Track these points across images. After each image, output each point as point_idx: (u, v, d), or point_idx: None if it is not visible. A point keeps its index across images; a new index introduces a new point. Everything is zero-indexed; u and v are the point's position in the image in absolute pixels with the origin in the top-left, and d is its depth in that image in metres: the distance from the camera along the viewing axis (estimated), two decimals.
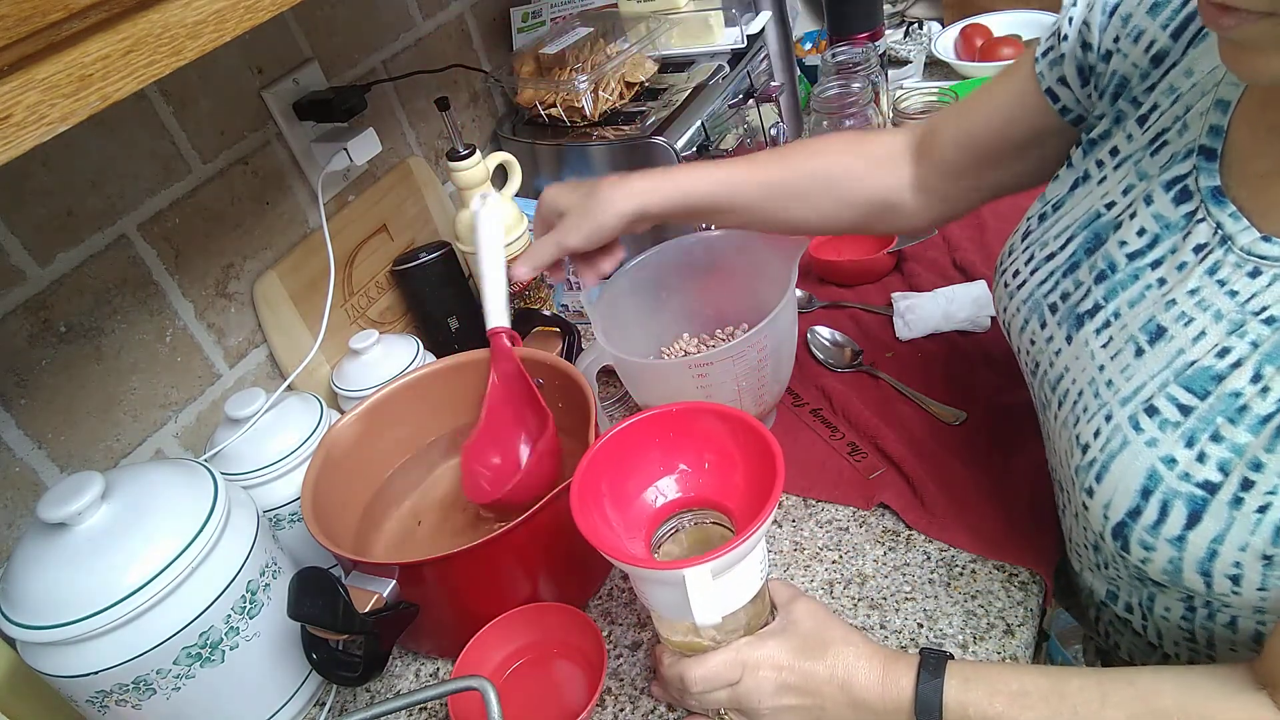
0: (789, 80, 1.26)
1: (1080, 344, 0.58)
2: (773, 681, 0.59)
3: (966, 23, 1.41)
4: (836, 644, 0.60)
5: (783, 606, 0.63)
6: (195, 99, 0.85)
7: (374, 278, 1.03)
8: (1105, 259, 0.58)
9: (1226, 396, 0.49)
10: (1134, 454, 0.52)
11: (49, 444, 0.76)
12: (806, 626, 0.61)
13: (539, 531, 0.70)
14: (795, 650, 0.59)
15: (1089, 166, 0.62)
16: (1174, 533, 0.50)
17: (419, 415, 0.88)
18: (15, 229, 0.72)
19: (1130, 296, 0.56)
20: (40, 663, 0.63)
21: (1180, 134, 0.55)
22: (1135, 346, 0.54)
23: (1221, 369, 0.49)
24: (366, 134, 0.94)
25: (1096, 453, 0.54)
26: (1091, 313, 0.58)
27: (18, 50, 0.37)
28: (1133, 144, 0.59)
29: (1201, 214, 0.52)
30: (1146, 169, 0.57)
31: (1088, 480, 0.55)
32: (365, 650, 0.67)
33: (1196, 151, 0.54)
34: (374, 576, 0.69)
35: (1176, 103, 0.56)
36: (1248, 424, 0.47)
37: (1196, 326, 0.51)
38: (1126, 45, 0.59)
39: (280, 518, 0.82)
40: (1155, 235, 0.55)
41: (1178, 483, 0.50)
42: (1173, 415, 0.51)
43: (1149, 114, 0.58)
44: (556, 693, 0.71)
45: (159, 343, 0.84)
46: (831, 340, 0.98)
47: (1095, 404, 0.56)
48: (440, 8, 1.13)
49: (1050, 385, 0.62)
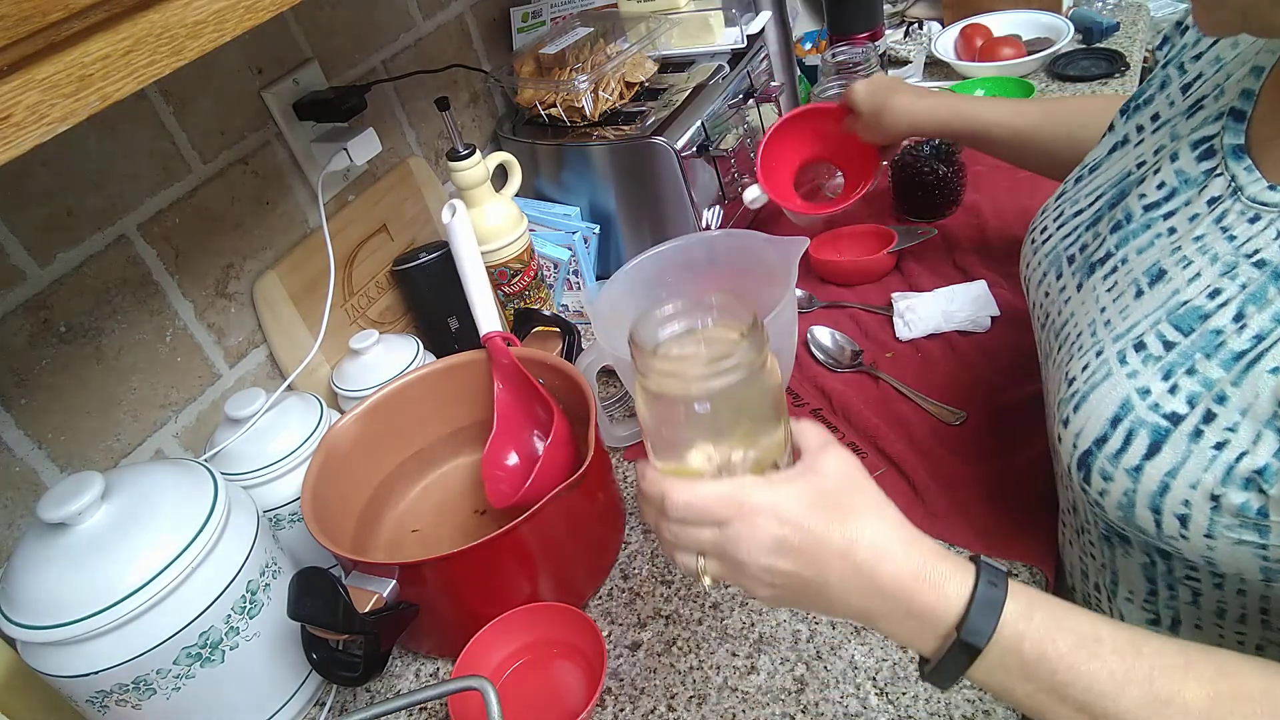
0: (789, 80, 1.26)
1: (1088, 290, 0.60)
2: (771, 536, 0.47)
3: (966, 23, 1.41)
4: (865, 513, 0.47)
5: (809, 452, 0.50)
6: (195, 99, 0.85)
7: (374, 278, 1.03)
8: (1124, 210, 0.60)
9: (1208, 334, 0.50)
10: (1113, 385, 0.53)
11: (49, 444, 0.76)
12: (832, 482, 0.48)
13: (539, 531, 0.70)
14: (810, 505, 0.47)
15: (1129, 131, 0.64)
16: (1133, 463, 0.51)
17: (419, 415, 0.88)
18: (15, 229, 0.72)
19: (1140, 244, 0.57)
20: (40, 663, 0.63)
21: (1217, 99, 0.58)
22: (1136, 288, 0.55)
23: (1209, 308, 0.50)
24: (366, 134, 0.94)
25: (1080, 384, 0.55)
26: (1103, 260, 0.60)
27: (18, 50, 0.37)
28: (1174, 109, 0.61)
29: (1220, 169, 0.54)
30: (1180, 130, 0.59)
31: (1066, 411, 0.55)
32: (365, 650, 0.67)
33: (1227, 114, 0.55)
34: (374, 576, 0.69)
35: (1219, 71, 0.59)
36: (1221, 359, 0.48)
37: (1194, 269, 0.52)
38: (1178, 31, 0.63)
39: (280, 518, 0.82)
40: (1173, 189, 0.57)
41: (1146, 412, 0.50)
42: (1157, 350, 0.52)
43: (1193, 81, 0.60)
44: (556, 693, 0.70)
45: (159, 343, 0.84)
46: (831, 340, 0.98)
47: (1091, 342, 0.57)
48: (440, 8, 1.13)
49: (1055, 332, 0.63)
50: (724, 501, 0.47)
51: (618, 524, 0.83)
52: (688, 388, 0.47)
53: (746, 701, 0.67)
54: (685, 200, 1.05)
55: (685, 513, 0.48)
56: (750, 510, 0.47)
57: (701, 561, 0.50)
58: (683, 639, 0.73)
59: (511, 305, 0.99)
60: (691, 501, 0.48)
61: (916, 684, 0.65)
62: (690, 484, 0.48)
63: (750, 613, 0.73)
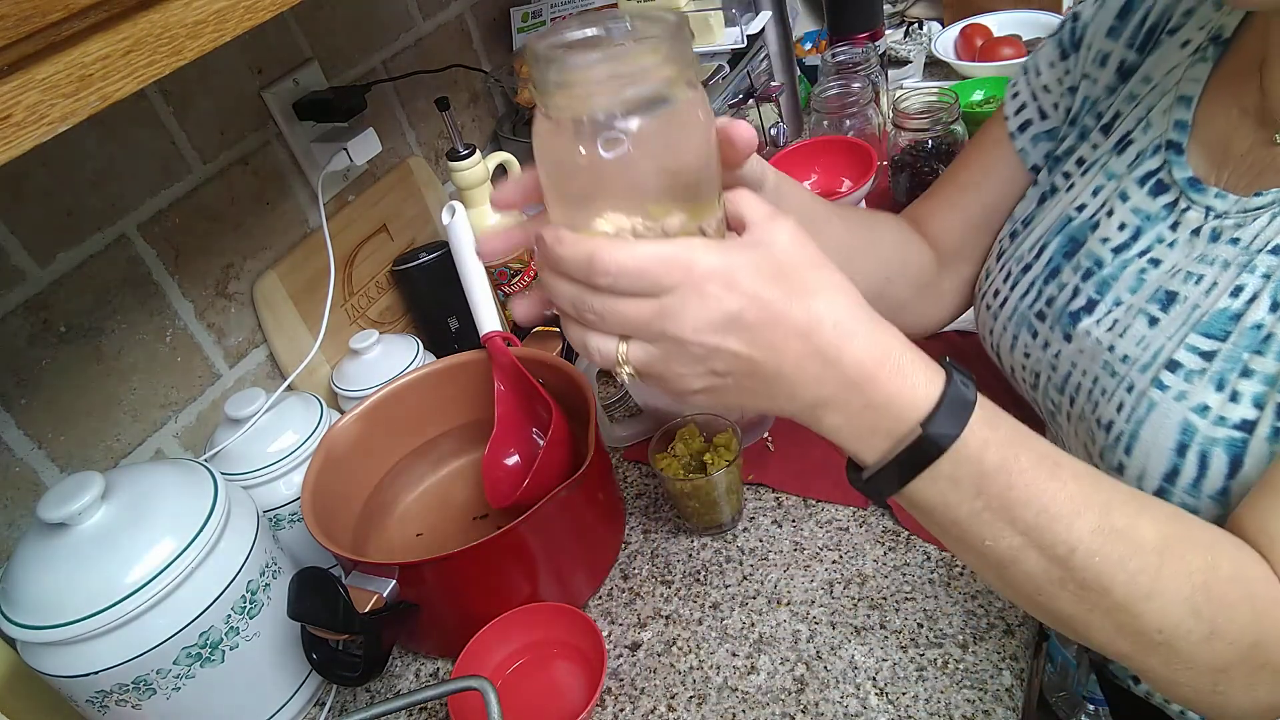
0: (789, 80, 1.26)
1: (1081, 336, 0.58)
2: (722, 308, 0.38)
3: (966, 23, 1.41)
4: (828, 289, 0.40)
5: (755, 224, 0.41)
6: (195, 99, 0.85)
7: (374, 278, 1.03)
8: (1089, 257, 0.59)
9: (1249, 331, 0.48)
10: (1163, 414, 0.50)
11: (49, 444, 0.76)
12: (789, 255, 0.40)
13: (539, 531, 0.70)
14: (769, 277, 0.39)
15: (1055, 180, 0.65)
16: (1217, 486, 0.48)
17: (419, 415, 0.88)
18: (15, 229, 0.72)
19: (1129, 283, 0.56)
20: (40, 663, 0.63)
21: (1145, 131, 0.58)
22: (1147, 317, 0.54)
23: (1238, 307, 0.49)
24: (366, 134, 0.94)
25: (1122, 425, 0.52)
26: (1088, 309, 0.58)
27: (18, 50, 0.37)
28: (1098, 150, 0.62)
29: (1185, 203, 0.54)
30: (1114, 169, 0.60)
31: (1116, 457, 0.52)
32: (365, 650, 0.67)
33: (1165, 146, 0.56)
34: (374, 576, 0.69)
35: (1138, 105, 0.60)
36: (1276, 352, 0.47)
37: (1207, 281, 0.52)
38: (1094, 71, 0.63)
39: (280, 518, 0.82)
40: (1138, 227, 0.57)
41: (1213, 429, 0.48)
42: (1196, 364, 0.50)
43: (1112, 121, 0.61)
44: (556, 693, 0.70)
45: (159, 343, 0.84)
46: None
47: (1113, 382, 0.54)
48: (440, 8, 1.13)
49: (1057, 388, 0.61)
50: (668, 264, 0.38)
51: (618, 524, 0.83)
52: (591, 101, 0.37)
53: (746, 701, 0.67)
54: None
55: (619, 279, 0.38)
56: (701, 276, 0.38)
57: (624, 347, 0.40)
58: (683, 639, 0.73)
59: None
60: (626, 264, 0.38)
61: (916, 684, 0.65)
62: (624, 243, 0.38)
63: (750, 613, 0.73)
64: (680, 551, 0.80)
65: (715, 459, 0.77)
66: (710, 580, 0.77)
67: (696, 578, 0.77)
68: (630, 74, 0.37)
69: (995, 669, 0.64)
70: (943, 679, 0.65)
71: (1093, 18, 0.64)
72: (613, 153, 0.38)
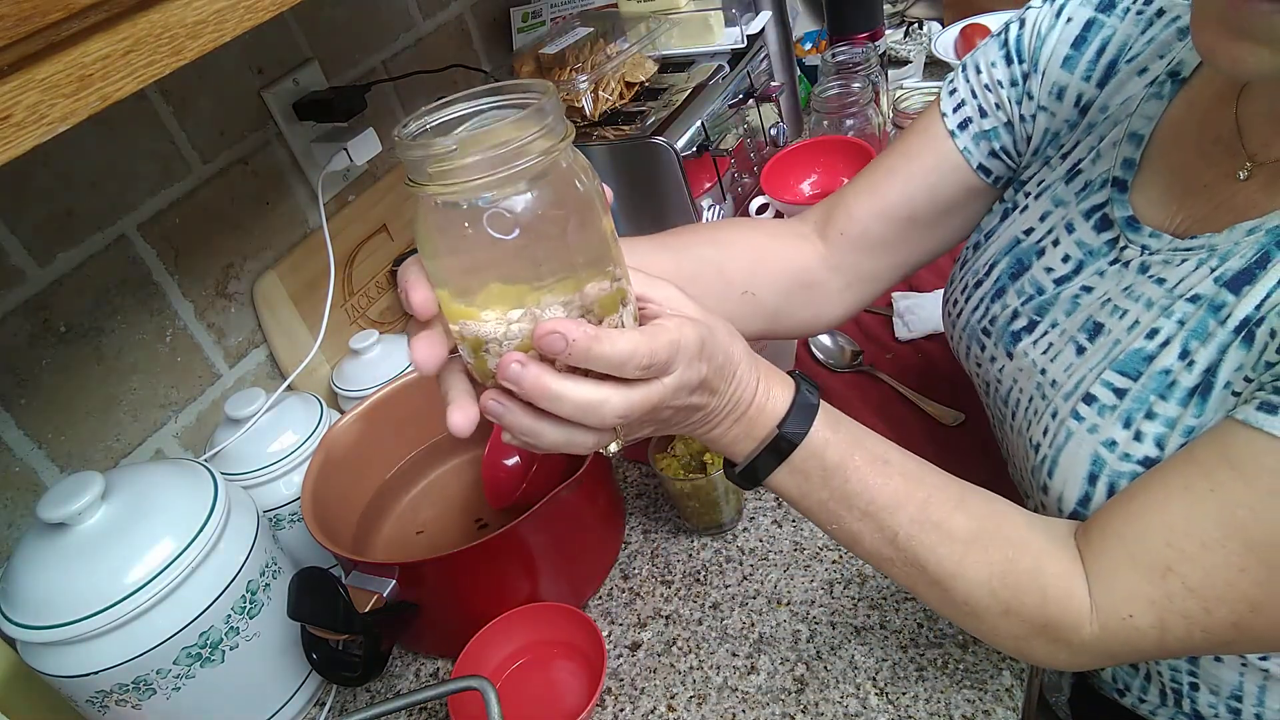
0: (789, 80, 1.26)
1: (1020, 355, 0.61)
2: (697, 373, 0.44)
3: (966, 23, 1.41)
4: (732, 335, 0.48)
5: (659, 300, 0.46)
6: (195, 99, 0.85)
7: (374, 278, 1.03)
8: (1032, 284, 0.61)
9: (1158, 374, 0.50)
10: (1078, 443, 0.53)
11: (49, 444, 0.76)
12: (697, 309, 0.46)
13: (539, 531, 0.70)
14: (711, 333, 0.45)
15: (1018, 198, 0.66)
16: None
17: (419, 415, 0.88)
18: (15, 229, 0.72)
19: (1064, 308, 0.58)
20: (40, 663, 0.63)
21: (1094, 162, 0.59)
22: (1075, 345, 0.57)
23: (1151, 349, 0.51)
24: (366, 134, 0.94)
25: (1046, 449, 0.56)
26: (1028, 329, 0.61)
27: (18, 50, 0.37)
28: (1053, 174, 0.63)
29: (1124, 242, 0.55)
30: (1062, 196, 0.61)
31: (1041, 478, 0.56)
32: (365, 650, 0.67)
33: (1110, 183, 0.57)
34: (374, 576, 0.69)
35: (1091, 134, 0.60)
36: (1178, 398, 0.49)
37: (1130, 317, 0.53)
38: (1052, 104, 0.63)
39: (280, 518, 0.82)
40: (1080, 261, 0.58)
41: (1120, 463, 0.51)
42: (1109, 399, 0.52)
43: (1070, 149, 0.62)
44: (556, 693, 0.70)
45: (159, 343, 0.84)
46: (831, 340, 0.98)
47: (1042, 405, 0.58)
48: (440, 8, 1.13)
49: (1001, 399, 0.64)
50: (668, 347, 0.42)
51: (618, 524, 0.83)
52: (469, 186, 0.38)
53: (746, 701, 0.67)
54: (686, 200, 1.05)
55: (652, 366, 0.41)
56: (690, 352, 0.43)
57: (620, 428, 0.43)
58: (683, 639, 0.73)
59: None
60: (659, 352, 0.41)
61: (916, 684, 0.65)
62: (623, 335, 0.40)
63: (750, 613, 0.73)
64: (680, 551, 0.80)
65: (715, 459, 0.77)
66: (710, 580, 0.77)
67: (696, 578, 0.77)
68: (503, 156, 0.37)
69: (995, 669, 0.64)
70: (942, 679, 0.65)
71: (1044, 36, 0.62)
72: (498, 231, 0.38)
